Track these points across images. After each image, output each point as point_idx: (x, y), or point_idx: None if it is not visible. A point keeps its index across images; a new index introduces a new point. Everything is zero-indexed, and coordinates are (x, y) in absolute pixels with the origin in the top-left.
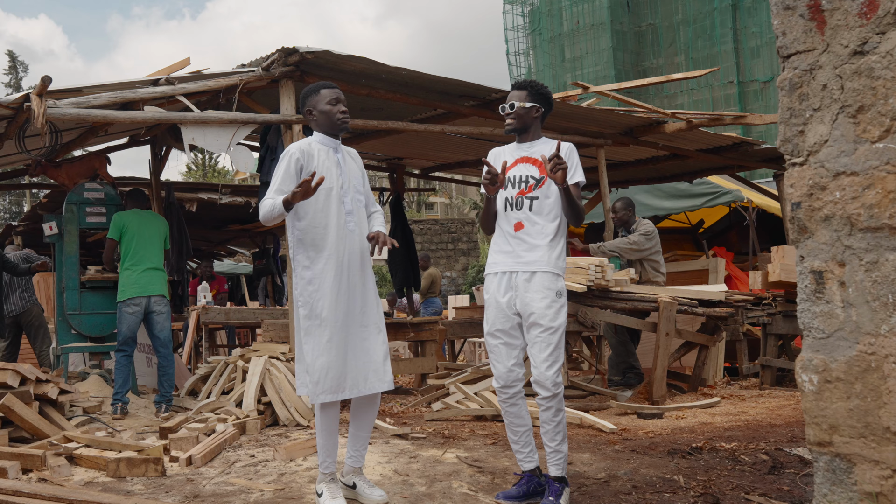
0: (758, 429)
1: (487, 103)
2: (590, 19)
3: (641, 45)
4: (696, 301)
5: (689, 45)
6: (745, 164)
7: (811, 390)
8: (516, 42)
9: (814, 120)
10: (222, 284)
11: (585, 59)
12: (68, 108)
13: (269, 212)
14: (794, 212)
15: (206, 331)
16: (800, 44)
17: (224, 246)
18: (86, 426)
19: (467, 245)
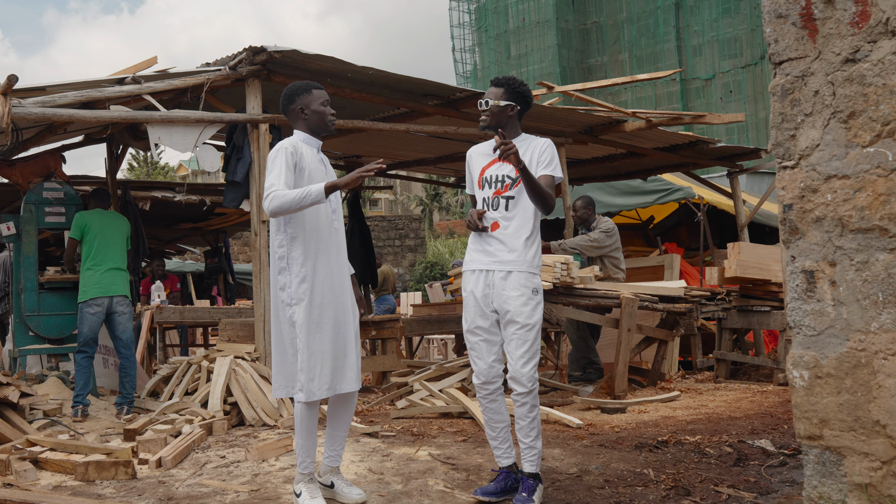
0: (718, 422)
1: (451, 102)
2: (535, 17)
3: (586, 42)
4: (657, 297)
5: (633, 43)
6: (699, 162)
7: (802, 386)
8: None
9: (805, 125)
10: (174, 283)
11: (531, 56)
12: (33, 108)
13: (292, 202)
14: (786, 213)
15: (159, 331)
16: (792, 51)
17: (174, 244)
18: (48, 429)
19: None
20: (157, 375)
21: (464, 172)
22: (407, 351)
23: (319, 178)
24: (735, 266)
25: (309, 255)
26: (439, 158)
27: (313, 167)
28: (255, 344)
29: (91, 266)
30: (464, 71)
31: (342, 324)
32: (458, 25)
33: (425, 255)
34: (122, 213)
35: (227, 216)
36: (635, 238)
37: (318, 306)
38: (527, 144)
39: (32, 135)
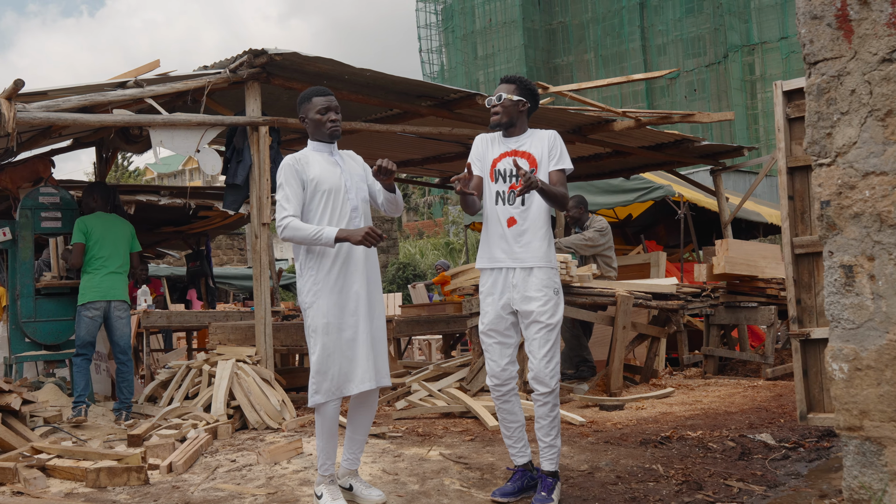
0: (716, 417)
1: (445, 103)
2: (502, 17)
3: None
4: (650, 294)
5: (599, 43)
6: (683, 161)
7: (841, 378)
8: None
9: (841, 123)
10: (158, 287)
11: (497, 56)
12: (38, 112)
13: (303, 238)
14: (823, 210)
15: (146, 335)
16: (827, 51)
17: (153, 248)
18: (50, 437)
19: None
20: (155, 380)
21: (451, 172)
22: (395, 352)
23: (330, 182)
24: (723, 263)
25: (322, 258)
26: (427, 159)
27: (323, 171)
28: (255, 347)
29: (91, 270)
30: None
31: (365, 322)
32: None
33: (398, 257)
34: None
35: (209, 219)
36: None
37: (331, 308)
38: (534, 138)
39: (26, 139)
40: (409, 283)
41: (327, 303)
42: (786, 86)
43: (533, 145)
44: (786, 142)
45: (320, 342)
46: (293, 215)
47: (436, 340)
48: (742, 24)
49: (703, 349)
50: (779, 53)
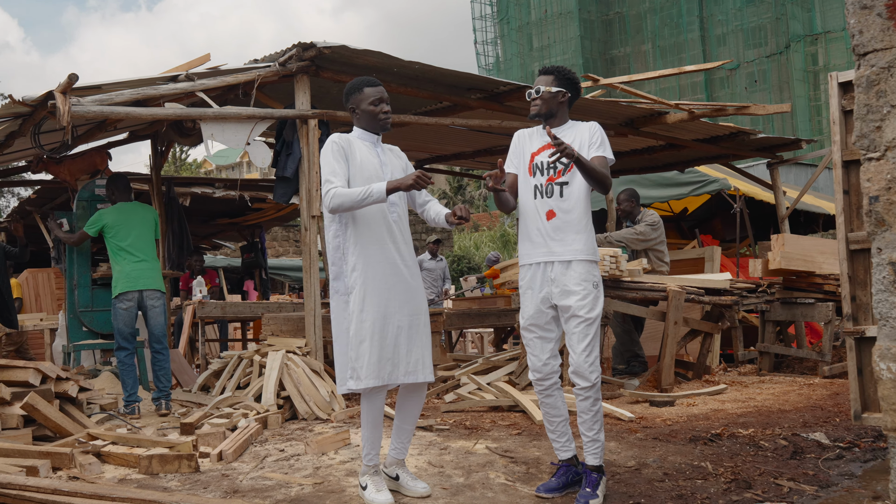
0: (769, 414)
1: (495, 96)
2: (557, 8)
3: (609, 33)
4: (703, 290)
5: (656, 34)
6: (739, 154)
7: (889, 378)
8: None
9: (892, 116)
10: (213, 278)
11: (553, 47)
12: (92, 106)
13: (353, 201)
14: (872, 205)
15: (201, 325)
16: (877, 42)
17: (210, 240)
18: (107, 423)
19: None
20: (208, 370)
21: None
22: (447, 345)
23: (370, 172)
24: (779, 258)
25: (362, 246)
26: (477, 152)
27: (365, 160)
28: (305, 338)
29: (119, 260)
30: (486, 64)
31: (402, 314)
32: (479, 18)
33: (452, 249)
34: (166, 209)
35: (263, 211)
36: (669, 230)
37: (371, 296)
38: (575, 130)
39: (82, 132)
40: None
41: (367, 292)
42: (841, 77)
43: (573, 137)
44: (841, 135)
45: (362, 330)
46: (339, 185)
47: (488, 333)
48: (805, 13)
49: (758, 346)
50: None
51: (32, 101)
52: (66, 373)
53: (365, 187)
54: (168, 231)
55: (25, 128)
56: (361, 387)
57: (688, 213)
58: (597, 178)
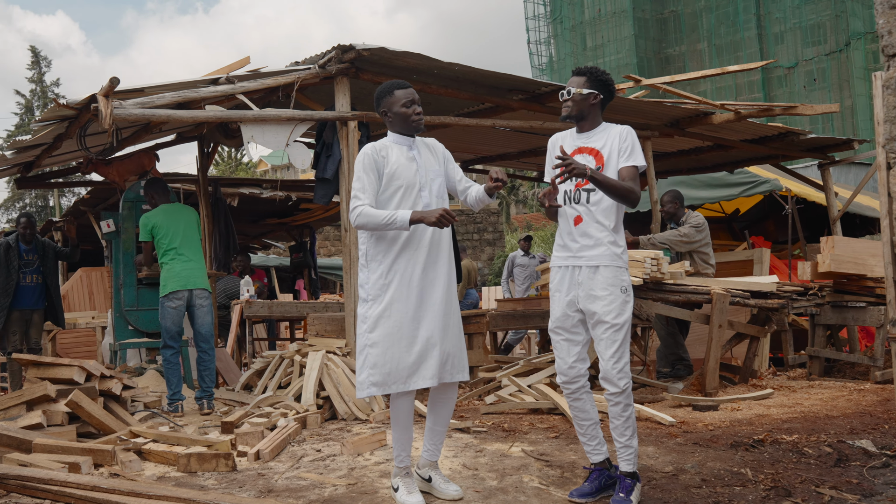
0: (815, 420)
1: (536, 97)
2: (611, 7)
3: (664, 32)
4: (748, 292)
5: (712, 32)
6: (788, 154)
7: None
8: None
9: None
10: (262, 278)
11: (607, 47)
12: (134, 109)
13: (377, 224)
14: None
15: (248, 324)
16: None
17: (259, 239)
18: (149, 421)
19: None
20: (250, 369)
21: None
22: (492, 346)
23: (406, 178)
24: (829, 261)
25: (390, 251)
26: (522, 153)
27: (400, 166)
28: (346, 339)
29: (168, 261)
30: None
31: (434, 317)
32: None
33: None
34: (212, 209)
35: (312, 211)
36: (720, 231)
37: (397, 302)
38: (606, 133)
39: (129, 134)
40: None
41: (393, 296)
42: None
43: (603, 141)
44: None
45: (380, 335)
46: (367, 204)
47: (535, 335)
48: (865, 10)
49: (808, 350)
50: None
51: (76, 105)
52: (110, 371)
53: (390, 212)
54: (214, 231)
55: (72, 130)
56: (363, 394)
57: (740, 214)
58: (617, 193)
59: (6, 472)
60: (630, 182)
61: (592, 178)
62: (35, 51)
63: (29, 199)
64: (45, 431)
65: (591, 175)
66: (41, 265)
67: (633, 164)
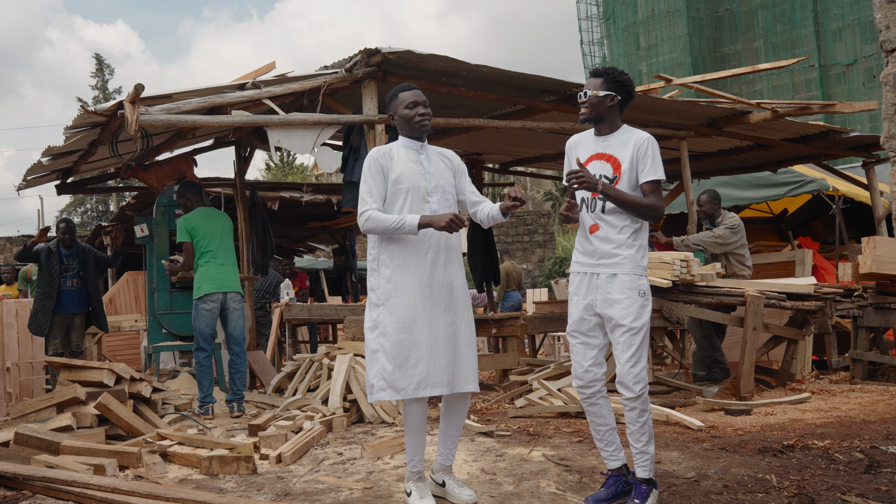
0: (851, 425)
1: (567, 98)
2: (665, 6)
3: (718, 31)
4: (784, 294)
5: (768, 30)
6: (831, 153)
7: None
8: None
9: None
10: (304, 281)
11: (661, 46)
12: (159, 115)
13: (385, 229)
14: None
15: (289, 327)
16: None
17: (304, 242)
18: (178, 423)
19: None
20: (281, 372)
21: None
22: (530, 348)
23: (412, 182)
24: (870, 261)
25: (398, 257)
26: (559, 154)
27: (405, 169)
28: None
29: (203, 263)
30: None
31: (442, 324)
32: (585, 18)
33: (554, 251)
34: (250, 213)
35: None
36: (767, 232)
37: (406, 307)
38: (626, 138)
39: (164, 140)
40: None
41: (401, 302)
42: None
43: (620, 148)
44: None
45: (390, 341)
46: (375, 208)
47: None
48: None
49: (851, 353)
50: None
51: (105, 111)
52: (139, 374)
53: (399, 217)
54: (252, 235)
55: (104, 136)
56: (372, 399)
57: (788, 214)
58: (635, 209)
59: (32, 473)
60: (651, 197)
61: (605, 194)
62: (100, 58)
63: (90, 203)
64: (74, 433)
65: (604, 191)
66: (81, 270)
67: (653, 179)
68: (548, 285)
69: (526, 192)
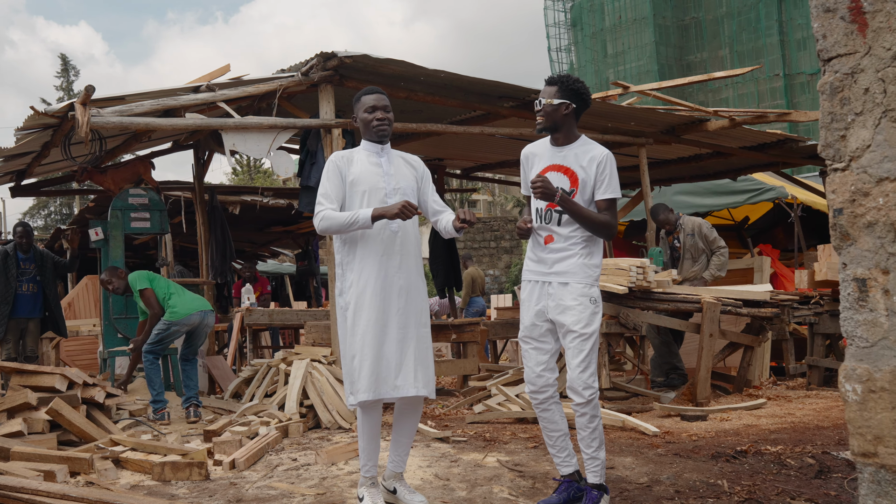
0: (804, 431)
1: (527, 104)
2: (632, 14)
3: (685, 39)
4: (741, 301)
5: (734, 39)
6: (789, 161)
7: (855, 400)
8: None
9: (856, 124)
10: (265, 286)
11: (628, 54)
12: (111, 117)
13: (340, 225)
14: (836, 218)
15: (249, 332)
16: (840, 47)
17: (268, 247)
18: (132, 429)
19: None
20: (239, 377)
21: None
22: (492, 354)
23: (370, 183)
24: (826, 269)
25: (361, 261)
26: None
27: (363, 171)
28: (331, 347)
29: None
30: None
31: (397, 328)
32: (553, 25)
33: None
34: (209, 217)
35: None
36: (729, 240)
37: (365, 311)
38: (584, 150)
39: (119, 143)
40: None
41: (362, 305)
42: None
43: (579, 161)
44: None
45: (357, 344)
46: (331, 209)
47: None
48: None
49: (807, 359)
50: None
51: (56, 113)
52: (93, 379)
53: (352, 213)
54: (211, 239)
55: (56, 139)
56: (353, 402)
57: (749, 222)
58: (591, 225)
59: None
60: (606, 214)
61: (562, 207)
62: (65, 59)
63: (54, 206)
64: (25, 439)
65: (561, 203)
66: (38, 274)
67: (610, 197)
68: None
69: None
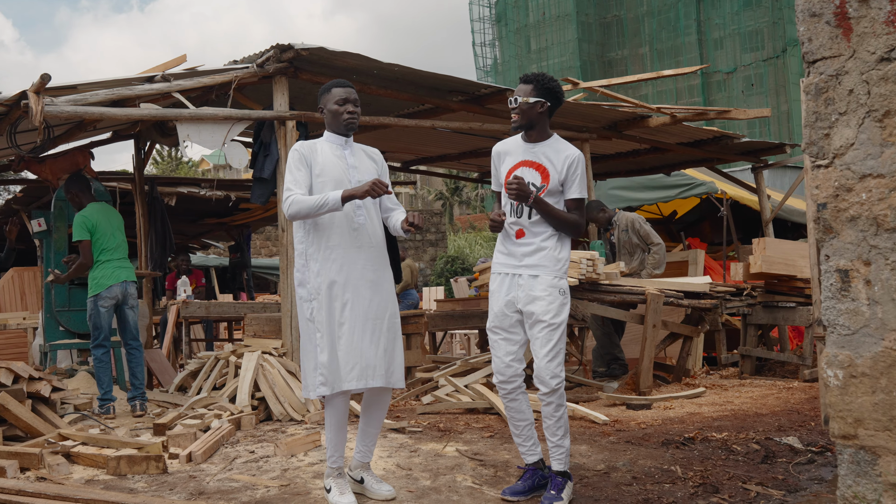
0: (745, 418)
1: (476, 98)
2: (555, 11)
3: (607, 36)
4: (682, 293)
5: (654, 37)
6: (723, 158)
7: (836, 385)
8: (482, 33)
9: (839, 123)
10: (200, 278)
11: (551, 49)
12: (66, 106)
13: (310, 208)
14: (820, 212)
15: (185, 325)
16: (826, 50)
17: (199, 239)
18: (79, 423)
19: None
20: (185, 370)
21: (488, 167)
22: (431, 346)
23: (334, 175)
24: (760, 262)
25: (325, 251)
26: (463, 154)
27: (328, 163)
28: (282, 339)
29: (103, 261)
30: (484, 65)
31: (364, 319)
32: (478, 20)
33: (446, 250)
34: (148, 208)
35: (251, 211)
36: (659, 233)
37: (335, 301)
38: (557, 149)
39: (62, 132)
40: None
41: (330, 296)
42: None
43: (551, 158)
44: None
45: (324, 334)
46: (299, 194)
47: (475, 335)
48: None
49: (740, 349)
50: None
51: (6, 101)
52: (38, 373)
53: (322, 195)
54: (151, 231)
55: (1, 127)
56: (313, 395)
57: (677, 216)
58: (561, 224)
59: None
60: (575, 213)
61: (536, 206)
62: None
63: None
64: None
65: (536, 205)
66: None
67: (579, 197)
68: (441, 283)
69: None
